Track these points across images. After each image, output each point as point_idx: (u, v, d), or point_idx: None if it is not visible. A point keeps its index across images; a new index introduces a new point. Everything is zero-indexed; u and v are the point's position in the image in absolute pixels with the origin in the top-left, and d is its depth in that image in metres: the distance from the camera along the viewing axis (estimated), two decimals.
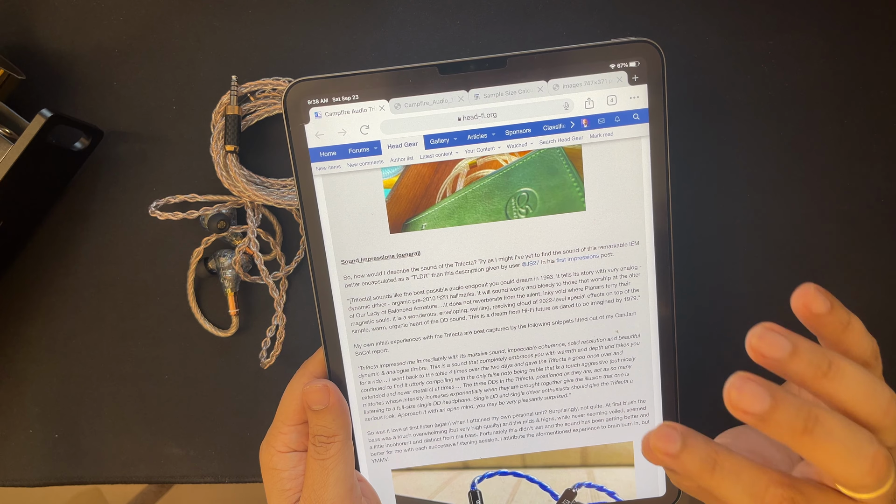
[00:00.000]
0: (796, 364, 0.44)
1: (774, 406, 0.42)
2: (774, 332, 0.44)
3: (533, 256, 0.65)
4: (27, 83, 0.71)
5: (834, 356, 0.44)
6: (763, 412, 0.42)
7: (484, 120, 0.62)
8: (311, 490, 0.61)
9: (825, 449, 0.43)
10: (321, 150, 0.62)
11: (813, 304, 0.46)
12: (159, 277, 0.74)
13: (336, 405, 0.62)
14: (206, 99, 0.73)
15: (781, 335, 0.44)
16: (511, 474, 0.69)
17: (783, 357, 0.43)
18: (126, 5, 0.74)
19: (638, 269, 0.65)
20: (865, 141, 0.72)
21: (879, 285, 0.73)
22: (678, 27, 0.73)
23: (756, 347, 0.44)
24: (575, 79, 0.62)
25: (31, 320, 0.74)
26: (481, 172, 0.63)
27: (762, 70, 0.72)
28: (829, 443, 0.42)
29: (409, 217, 0.64)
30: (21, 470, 0.75)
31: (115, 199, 0.74)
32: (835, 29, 0.72)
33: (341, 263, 0.64)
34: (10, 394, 0.75)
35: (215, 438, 0.75)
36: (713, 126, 0.73)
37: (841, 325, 0.47)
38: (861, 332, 0.48)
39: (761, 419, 0.42)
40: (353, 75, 0.62)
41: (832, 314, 0.46)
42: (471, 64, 0.62)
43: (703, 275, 0.73)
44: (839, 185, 0.73)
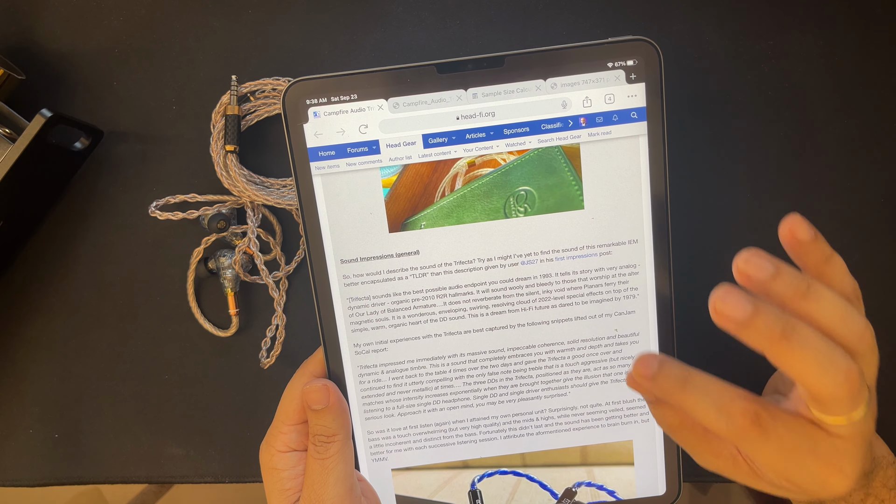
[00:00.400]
0: (778, 284, 0.46)
1: (755, 312, 0.44)
2: (759, 256, 0.46)
3: (532, 255, 0.65)
4: (27, 83, 0.71)
5: (813, 281, 0.47)
6: (745, 318, 0.44)
7: (482, 119, 0.62)
8: (311, 489, 0.61)
9: (801, 356, 0.45)
10: (320, 150, 0.63)
11: (798, 231, 0.49)
12: (159, 277, 0.74)
13: (336, 405, 0.62)
14: (206, 99, 0.73)
15: (766, 259, 0.46)
16: (511, 473, 0.69)
17: (766, 278, 0.46)
18: (126, 5, 0.74)
19: (637, 268, 0.65)
20: (865, 141, 0.72)
21: (879, 285, 0.73)
22: (678, 27, 0.73)
23: (742, 269, 0.47)
24: (573, 77, 0.62)
25: (31, 320, 0.74)
26: (480, 171, 0.63)
27: (762, 70, 0.72)
28: (805, 350, 0.45)
29: (408, 216, 0.64)
30: (21, 470, 0.75)
31: (115, 199, 0.74)
32: (835, 29, 0.72)
33: (340, 263, 0.64)
34: (10, 394, 0.75)
35: (215, 438, 0.75)
36: (713, 125, 0.73)
37: (823, 256, 0.50)
38: (842, 268, 0.51)
39: (743, 325, 0.44)
40: (352, 75, 0.62)
41: (815, 244, 0.49)
42: (469, 63, 0.62)
43: (701, 273, 0.73)
44: (839, 185, 0.72)
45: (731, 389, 0.48)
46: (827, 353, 0.45)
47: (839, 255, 0.51)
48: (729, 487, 1.66)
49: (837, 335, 0.47)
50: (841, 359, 0.46)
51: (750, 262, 0.46)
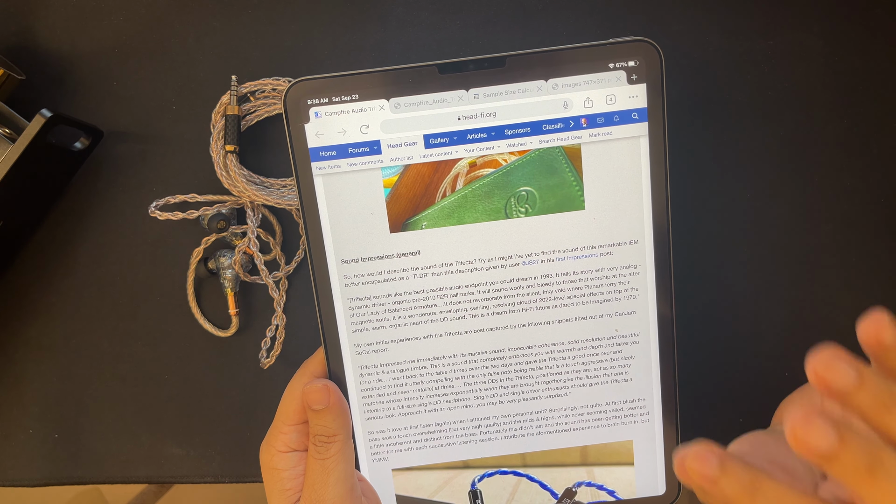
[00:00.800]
0: (862, 397, 0.40)
1: (842, 444, 0.38)
2: (840, 360, 0.40)
3: (532, 255, 0.65)
4: (27, 83, 0.71)
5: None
6: (830, 450, 0.38)
7: (483, 119, 0.62)
8: (312, 490, 0.61)
9: (885, 490, 0.39)
10: (321, 150, 0.63)
11: (884, 335, 0.42)
12: (159, 277, 0.74)
13: (336, 405, 0.62)
14: (206, 99, 0.73)
15: (847, 364, 0.40)
16: (511, 473, 0.69)
17: (849, 389, 0.40)
18: (126, 5, 0.74)
19: (637, 268, 0.65)
20: (865, 141, 0.72)
21: (879, 285, 0.73)
22: (678, 27, 0.73)
23: (821, 375, 0.40)
24: (574, 78, 0.62)
25: (31, 320, 0.74)
26: (481, 172, 0.63)
27: (762, 70, 0.72)
28: (891, 483, 0.39)
29: (409, 216, 0.64)
30: (21, 470, 0.75)
31: (115, 199, 0.74)
32: (835, 29, 0.72)
33: (341, 263, 0.64)
34: (10, 394, 0.75)
35: (215, 438, 0.75)
36: (713, 126, 0.73)
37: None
38: None
39: (826, 458, 0.39)
40: (353, 75, 0.62)
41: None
42: (470, 63, 0.62)
43: (702, 273, 0.73)
44: (839, 185, 0.73)
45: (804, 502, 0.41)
46: None
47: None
48: None
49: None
50: None
51: (831, 369, 0.40)
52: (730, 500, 0.41)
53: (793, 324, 0.73)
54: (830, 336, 0.73)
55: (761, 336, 0.73)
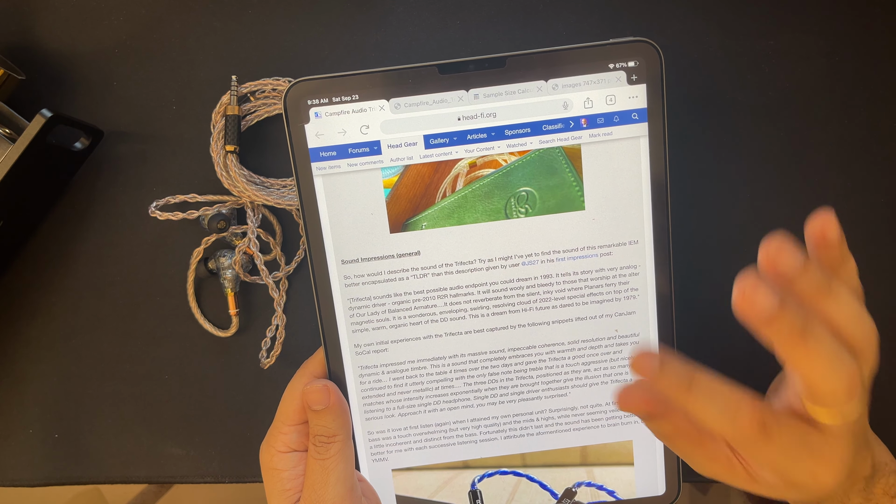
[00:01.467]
0: (804, 280, 0.46)
1: (782, 309, 0.43)
2: (790, 246, 0.45)
3: (532, 256, 0.65)
4: (27, 83, 0.71)
5: (835, 280, 0.47)
6: (772, 313, 0.43)
7: (483, 120, 0.62)
8: (312, 490, 0.61)
9: (814, 355, 0.45)
10: (321, 150, 0.63)
11: (829, 231, 0.48)
12: (159, 277, 0.74)
13: (336, 405, 0.62)
14: (206, 99, 0.73)
15: (795, 250, 0.45)
16: (511, 473, 0.69)
17: (794, 271, 0.45)
18: (126, 5, 0.74)
19: (637, 269, 0.66)
20: (865, 141, 0.72)
21: (879, 285, 0.73)
22: (678, 27, 0.73)
23: (772, 257, 0.45)
24: (574, 78, 0.62)
25: (31, 320, 0.74)
26: (481, 172, 0.63)
27: (762, 70, 0.72)
28: (819, 349, 0.45)
29: (409, 217, 0.64)
30: (21, 470, 0.75)
31: (115, 199, 0.74)
32: (835, 29, 0.72)
33: (341, 263, 0.64)
34: (10, 394, 0.75)
35: (215, 438, 0.75)
36: (713, 126, 0.73)
37: (842, 257, 0.50)
38: (855, 271, 0.51)
39: (768, 321, 0.44)
40: (353, 75, 0.62)
41: (841, 245, 0.49)
42: (470, 64, 0.62)
43: (702, 274, 0.73)
44: (839, 184, 0.73)
45: (736, 393, 0.48)
46: (837, 353, 0.46)
47: (853, 258, 0.51)
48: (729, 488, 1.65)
49: (847, 335, 0.48)
50: (847, 359, 0.46)
51: (782, 252, 0.45)
52: (671, 393, 0.48)
53: None
54: None
55: None
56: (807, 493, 0.53)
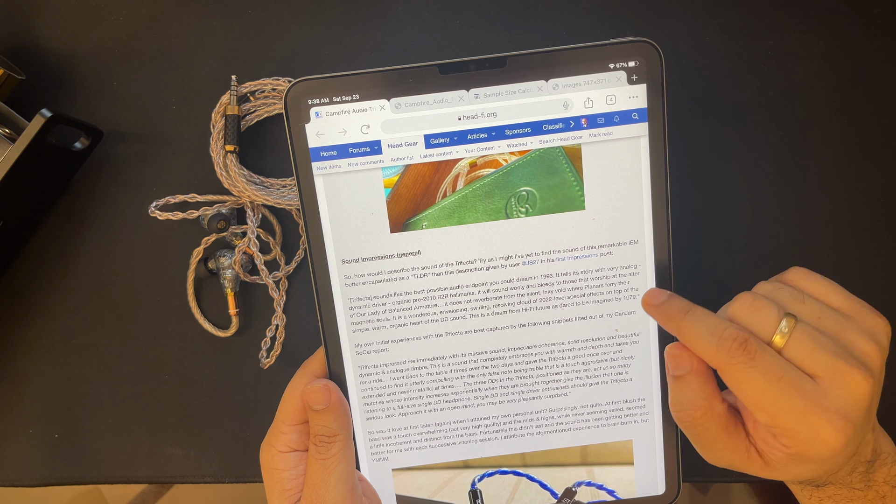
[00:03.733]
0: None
1: (669, 297, 0.59)
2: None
3: (533, 255, 0.65)
4: (27, 83, 0.71)
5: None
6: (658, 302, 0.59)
7: (484, 119, 0.62)
8: (313, 490, 0.61)
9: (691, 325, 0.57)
10: (322, 150, 0.63)
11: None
12: (159, 277, 0.74)
13: (337, 405, 0.62)
14: (206, 99, 0.73)
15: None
16: (511, 473, 0.69)
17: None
18: (126, 5, 0.74)
19: (637, 268, 0.66)
20: (865, 141, 0.72)
21: (879, 285, 0.73)
22: (678, 27, 0.73)
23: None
24: (574, 78, 0.62)
25: (31, 320, 0.74)
26: (481, 172, 0.63)
27: (762, 70, 0.73)
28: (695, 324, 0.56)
29: (410, 216, 0.64)
30: (21, 470, 0.75)
31: (115, 199, 0.74)
32: (835, 29, 0.73)
33: (342, 263, 0.64)
34: (10, 394, 0.75)
35: (215, 438, 0.75)
36: (713, 126, 0.73)
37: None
38: None
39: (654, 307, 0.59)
40: (354, 75, 0.62)
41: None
42: (471, 64, 0.62)
43: (702, 273, 0.73)
44: (839, 185, 0.73)
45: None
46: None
47: None
48: (729, 487, 1.66)
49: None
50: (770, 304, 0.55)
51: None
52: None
53: None
54: None
55: None
56: (817, 462, 0.54)
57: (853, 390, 0.52)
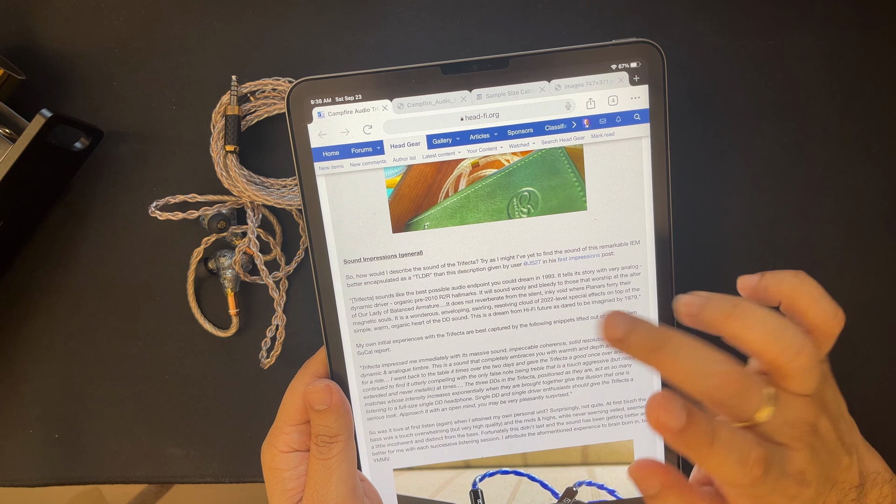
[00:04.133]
0: (707, 312, 0.50)
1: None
2: (694, 296, 0.51)
3: (534, 256, 0.65)
4: (27, 83, 0.71)
5: (740, 300, 0.51)
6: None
7: (486, 120, 0.63)
8: (314, 490, 0.61)
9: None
10: (324, 150, 0.63)
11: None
12: (159, 277, 0.74)
13: (339, 405, 0.62)
14: (206, 99, 0.73)
15: (699, 296, 0.51)
16: (512, 473, 0.69)
17: (698, 311, 0.50)
18: (126, 5, 0.74)
19: (639, 269, 0.66)
20: (865, 141, 0.73)
21: (879, 285, 0.73)
22: (678, 27, 0.73)
23: (680, 311, 0.51)
24: (577, 79, 0.62)
25: (31, 320, 0.74)
26: (483, 172, 0.63)
27: (762, 70, 0.73)
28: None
29: (412, 217, 0.64)
30: (21, 470, 0.75)
31: (115, 199, 0.74)
32: (835, 29, 0.73)
33: (344, 263, 0.65)
34: (10, 394, 0.75)
35: (215, 438, 0.75)
36: (713, 126, 0.73)
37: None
38: None
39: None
40: (357, 75, 0.62)
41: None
42: (473, 64, 0.62)
43: (703, 274, 0.73)
44: (839, 185, 0.73)
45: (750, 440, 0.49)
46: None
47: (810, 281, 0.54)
48: None
49: (762, 358, 0.51)
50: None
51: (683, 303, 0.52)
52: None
53: None
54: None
55: None
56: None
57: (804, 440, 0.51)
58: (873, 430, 0.64)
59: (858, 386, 0.73)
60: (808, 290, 0.53)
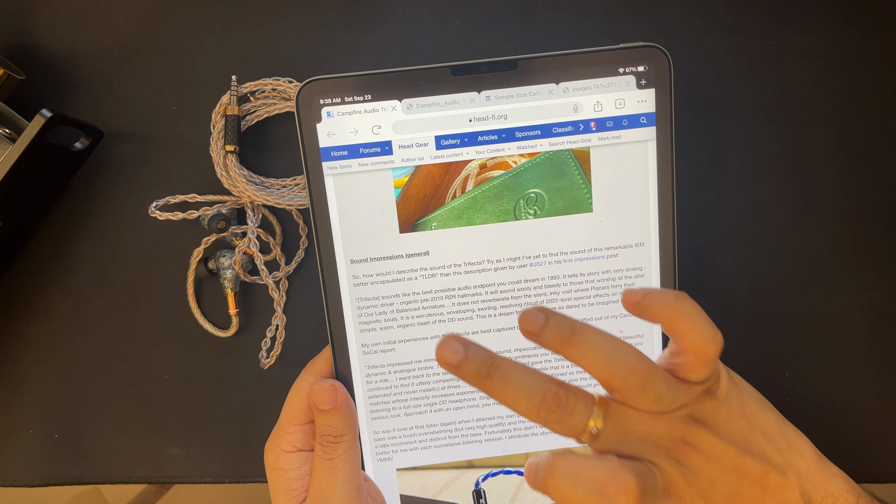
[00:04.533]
0: (546, 334, 0.51)
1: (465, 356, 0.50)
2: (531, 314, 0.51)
3: (540, 257, 0.65)
4: (27, 83, 0.71)
5: (580, 326, 0.52)
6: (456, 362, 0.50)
7: (494, 121, 0.63)
8: (319, 490, 0.62)
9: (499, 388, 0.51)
10: (332, 150, 0.63)
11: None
12: (159, 277, 0.74)
13: (344, 405, 0.63)
14: (206, 99, 0.73)
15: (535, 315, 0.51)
16: (515, 473, 0.69)
17: (537, 329, 0.51)
18: (126, 5, 0.74)
19: (643, 270, 0.66)
20: (865, 141, 0.73)
21: (879, 285, 0.74)
22: (678, 27, 0.73)
23: (520, 325, 0.52)
24: (584, 82, 0.63)
25: (31, 320, 0.74)
26: (491, 173, 0.64)
27: (762, 70, 0.73)
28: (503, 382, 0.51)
29: (419, 217, 0.64)
30: (21, 470, 0.75)
31: (115, 199, 0.73)
32: (835, 29, 0.73)
33: (350, 263, 0.65)
34: (10, 394, 0.75)
35: (215, 438, 0.75)
36: (713, 126, 0.73)
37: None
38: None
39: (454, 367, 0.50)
40: (366, 75, 0.62)
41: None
42: (483, 66, 0.62)
43: (705, 275, 0.73)
44: (840, 184, 0.73)
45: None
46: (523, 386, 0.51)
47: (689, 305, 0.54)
48: None
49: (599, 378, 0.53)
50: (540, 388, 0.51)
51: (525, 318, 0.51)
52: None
53: (793, 324, 0.74)
54: (831, 335, 0.74)
55: (762, 336, 0.74)
56: None
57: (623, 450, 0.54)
58: (873, 432, 0.65)
59: (858, 386, 0.74)
60: (688, 313, 0.53)
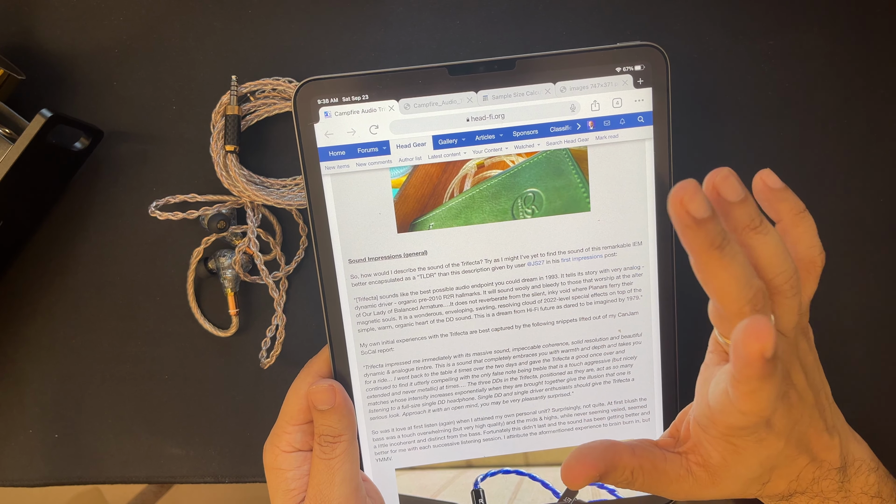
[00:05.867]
0: (739, 211, 0.50)
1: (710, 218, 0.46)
2: (736, 180, 0.50)
3: (538, 256, 0.65)
4: (27, 83, 0.71)
5: (766, 220, 0.51)
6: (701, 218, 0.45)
7: (492, 121, 0.63)
8: (317, 489, 0.62)
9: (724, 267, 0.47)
10: (330, 150, 0.63)
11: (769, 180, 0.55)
12: (159, 277, 0.74)
13: (342, 405, 0.63)
14: (206, 99, 0.73)
15: (740, 184, 0.50)
16: (514, 472, 0.69)
17: (734, 201, 0.49)
18: (126, 5, 0.74)
19: (641, 269, 0.66)
20: (866, 141, 0.73)
21: (880, 285, 0.74)
22: (678, 27, 0.73)
23: (717, 185, 0.50)
24: (582, 81, 0.63)
25: (31, 320, 0.74)
26: (489, 173, 0.64)
27: (762, 70, 0.73)
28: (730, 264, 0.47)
29: (417, 217, 0.64)
30: (21, 470, 0.75)
31: (115, 199, 0.74)
32: (835, 29, 0.73)
33: (348, 262, 0.65)
34: (10, 394, 0.75)
35: (215, 438, 0.75)
36: (713, 125, 0.73)
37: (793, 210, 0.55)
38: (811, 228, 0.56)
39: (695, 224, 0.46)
40: (364, 75, 0.62)
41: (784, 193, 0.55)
42: (480, 65, 0.62)
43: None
44: (840, 184, 0.73)
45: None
46: (745, 272, 0.48)
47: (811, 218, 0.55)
48: None
49: (766, 271, 0.51)
50: (755, 282, 0.48)
51: (727, 181, 0.49)
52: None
53: None
54: (831, 335, 0.74)
55: None
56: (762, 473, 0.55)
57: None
58: (873, 431, 0.65)
59: (858, 386, 0.74)
60: (810, 223, 0.55)
